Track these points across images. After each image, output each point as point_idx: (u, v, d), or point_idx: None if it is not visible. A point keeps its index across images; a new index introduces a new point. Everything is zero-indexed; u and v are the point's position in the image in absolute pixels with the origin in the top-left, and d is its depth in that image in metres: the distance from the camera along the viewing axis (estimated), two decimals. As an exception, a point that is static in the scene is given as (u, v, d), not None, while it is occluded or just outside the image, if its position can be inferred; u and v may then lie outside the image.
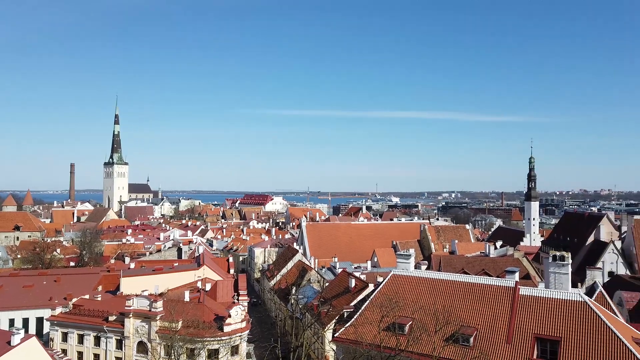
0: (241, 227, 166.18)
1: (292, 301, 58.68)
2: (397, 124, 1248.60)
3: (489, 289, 36.70)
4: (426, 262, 68.89)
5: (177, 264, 78.37)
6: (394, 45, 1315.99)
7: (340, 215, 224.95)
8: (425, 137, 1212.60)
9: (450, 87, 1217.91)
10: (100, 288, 67.10)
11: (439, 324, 33.47)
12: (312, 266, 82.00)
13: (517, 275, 39.24)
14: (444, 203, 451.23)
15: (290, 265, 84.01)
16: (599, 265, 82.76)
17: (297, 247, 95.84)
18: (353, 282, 59.80)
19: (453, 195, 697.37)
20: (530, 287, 39.16)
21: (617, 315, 37.46)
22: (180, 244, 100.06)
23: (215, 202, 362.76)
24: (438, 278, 39.58)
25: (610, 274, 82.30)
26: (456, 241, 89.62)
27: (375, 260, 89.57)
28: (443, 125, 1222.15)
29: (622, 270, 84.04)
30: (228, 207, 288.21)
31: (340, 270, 73.61)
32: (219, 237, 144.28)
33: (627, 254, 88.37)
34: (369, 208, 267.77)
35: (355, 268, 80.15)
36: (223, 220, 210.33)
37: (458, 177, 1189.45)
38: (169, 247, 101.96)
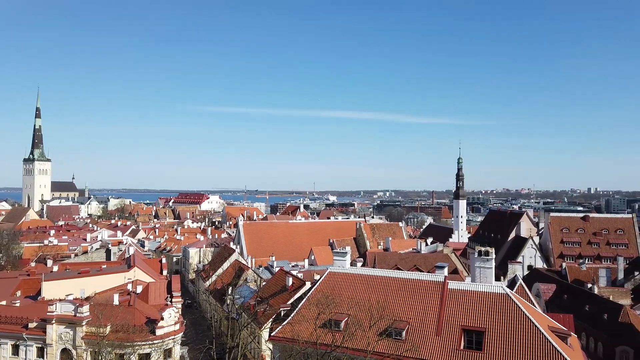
0: (175, 226, 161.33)
1: (228, 301, 57.84)
2: (335, 124, 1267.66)
3: (420, 284, 38.23)
4: (362, 259, 70.60)
5: (105, 266, 74.70)
6: (330, 46, 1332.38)
7: (277, 214, 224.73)
8: (361, 137, 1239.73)
9: (386, 89, 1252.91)
10: (19, 293, 62.91)
11: (373, 320, 34.40)
12: (249, 265, 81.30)
13: (446, 270, 41.24)
14: (378, 202, 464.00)
15: (226, 265, 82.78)
16: (519, 259, 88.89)
17: (234, 247, 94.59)
18: (290, 281, 60.09)
19: (387, 194, 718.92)
20: (458, 281, 41.27)
21: (535, 306, 40.32)
22: (109, 245, 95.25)
23: (148, 201, 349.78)
24: (373, 274, 40.67)
25: (530, 267, 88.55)
26: (390, 238, 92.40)
27: (313, 258, 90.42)
28: (378, 126, 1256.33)
29: (539, 263, 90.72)
30: (161, 207, 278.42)
31: (277, 269, 73.58)
32: (151, 237, 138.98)
33: (544, 249, 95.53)
34: (306, 207, 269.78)
35: (293, 266, 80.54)
36: (156, 220, 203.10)
37: (392, 176, 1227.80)
38: (97, 249, 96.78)
